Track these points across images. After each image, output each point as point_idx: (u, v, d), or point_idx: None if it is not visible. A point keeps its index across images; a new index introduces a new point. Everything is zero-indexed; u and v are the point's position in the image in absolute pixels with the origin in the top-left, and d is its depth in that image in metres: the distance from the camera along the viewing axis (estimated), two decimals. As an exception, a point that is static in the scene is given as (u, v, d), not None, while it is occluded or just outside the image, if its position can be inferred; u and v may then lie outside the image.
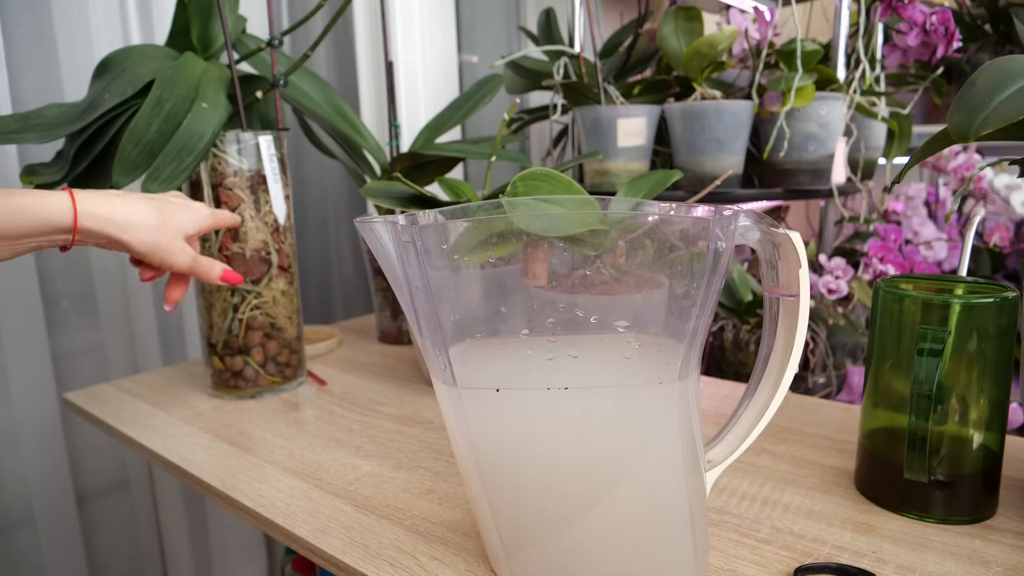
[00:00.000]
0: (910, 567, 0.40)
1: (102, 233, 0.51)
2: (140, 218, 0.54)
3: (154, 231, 0.54)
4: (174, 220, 0.56)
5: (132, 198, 0.54)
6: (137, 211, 0.53)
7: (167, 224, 0.55)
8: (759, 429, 0.40)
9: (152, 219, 0.54)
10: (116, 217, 0.52)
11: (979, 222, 0.73)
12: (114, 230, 0.52)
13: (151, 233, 0.54)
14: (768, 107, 0.81)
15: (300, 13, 1.09)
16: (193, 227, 0.58)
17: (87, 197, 0.51)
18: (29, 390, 0.85)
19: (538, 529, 0.37)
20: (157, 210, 0.55)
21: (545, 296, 0.34)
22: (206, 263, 0.59)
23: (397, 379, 0.77)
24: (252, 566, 1.09)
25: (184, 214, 0.57)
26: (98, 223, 0.51)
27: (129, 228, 0.53)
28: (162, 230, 0.55)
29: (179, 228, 0.56)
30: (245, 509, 0.50)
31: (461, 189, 0.65)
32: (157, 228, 0.54)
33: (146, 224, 0.54)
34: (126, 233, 0.52)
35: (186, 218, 0.57)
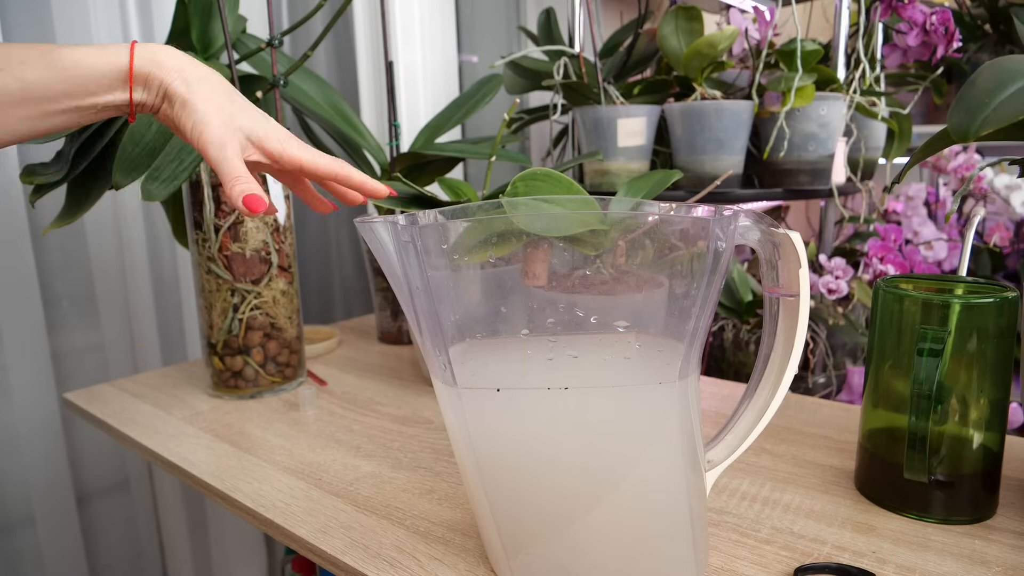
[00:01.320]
0: (910, 567, 0.40)
1: (154, 79, 0.44)
2: (202, 76, 0.46)
3: (204, 93, 0.45)
4: (239, 105, 0.47)
5: (206, 66, 0.47)
6: (202, 72, 0.46)
7: (228, 101, 0.47)
8: (759, 429, 0.40)
9: (211, 86, 0.46)
10: (173, 65, 0.45)
11: (979, 222, 0.73)
12: (168, 76, 0.45)
13: (198, 92, 0.45)
14: (768, 107, 0.81)
15: (300, 13, 1.09)
16: (251, 125, 0.47)
17: (151, 46, 0.45)
18: (29, 390, 0.85)
19: (538, 529, 0.37)
20: (226, 87, 0.47)
21: (545, 296, 0.34)
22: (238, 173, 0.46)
23: (397, 379, 0.77)
24: (252, 566, 1.09)
25: (254, 112, 0.48)
26: (155, 68, 0.44)
27: (182, 79, 0.45)
28: (213, 98, 0.46)
29: (236, 114, 0.47)
30: (245, 509, 0.50)
31: (461, 189, 0.65)
32: (210, 94, 0.46)
33: (200, 83, 0.46)
34: (176, 81, 0.45)
35: (254, 115, 0.48)
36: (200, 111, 0.45)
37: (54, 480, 0.88)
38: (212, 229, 0.68)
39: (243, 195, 0.45)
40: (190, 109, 0.45)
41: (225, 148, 0.45)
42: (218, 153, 0.45)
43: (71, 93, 0.43)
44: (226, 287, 0.69)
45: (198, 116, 0.45)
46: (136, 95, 0.45)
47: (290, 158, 0.48)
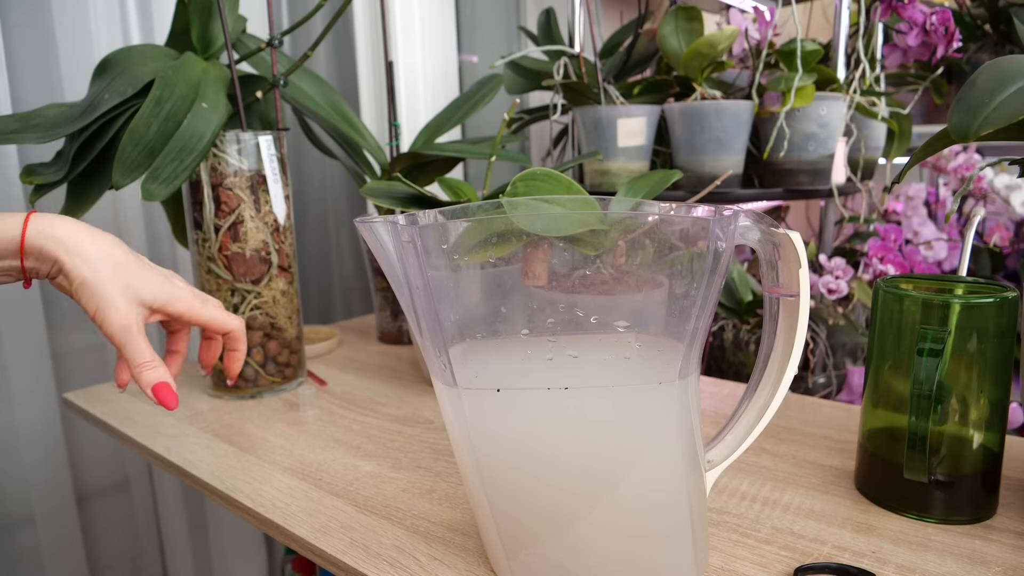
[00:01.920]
0: (910, 567, 0.40)
1: (47, 253, 0.44)
2: (98, 250, 0.45)
3: (103, 272, 0.45)
4: (138, 276, 0.46)
5: (104, 237, 0.46)
6: (99, 246, 0.45)
7: (126, 273, 0.46)
8: (759, 429, 0.40)
9: (109, 261, 0.45)
10: (68, 240, 0.44)
11: (979, 222, 0.73)
12: (61, 252, 0.44)
13: (98, 271, 0.44)
14: (768, 107, 0.81)
15: (300, 13, 1.09)
16: (153, 295, 0.47)
17: (48, 217, 0.44)
18: (29, 390, 0.85)
19: (538, 529, 0.37)
20: (124, 256, 0.46)
21: (545, 296, 0.34)
22: (146, 358, 0.46)
23: (397, 379, 0.77)
24: (252, 566, 1.09)
25: (154, 279, 0.47)
26: (47, 241, 0.44)
27: (78, 255, 0.44)
28: (114, 276, 0.45)
29: (137, 287, 0.46)
30: (245, 509, 0.50)
31: (461, 189, 0.65)
32: (109, 271, 0.45)
33: (98, 260, 0.45)
34: (72, 257, 0.44)
35: (154, 283, 0.47)
36: (103, 295, 0.45)
37: (54, 480, 0.88)
38: (212, 229, 0.68)
39: (151, 384, 0.45)
40: (91, 291, 0.44)
41: (129, 331, 0.45)
42: (122, 338, 0.45)
43: None
44: (226, 287, 0.69)
45: (100, 299, 0.45)
46: (28, 265, 0.45)
47: (188, 318, 0.50)
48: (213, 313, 0.51)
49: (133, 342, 0.45)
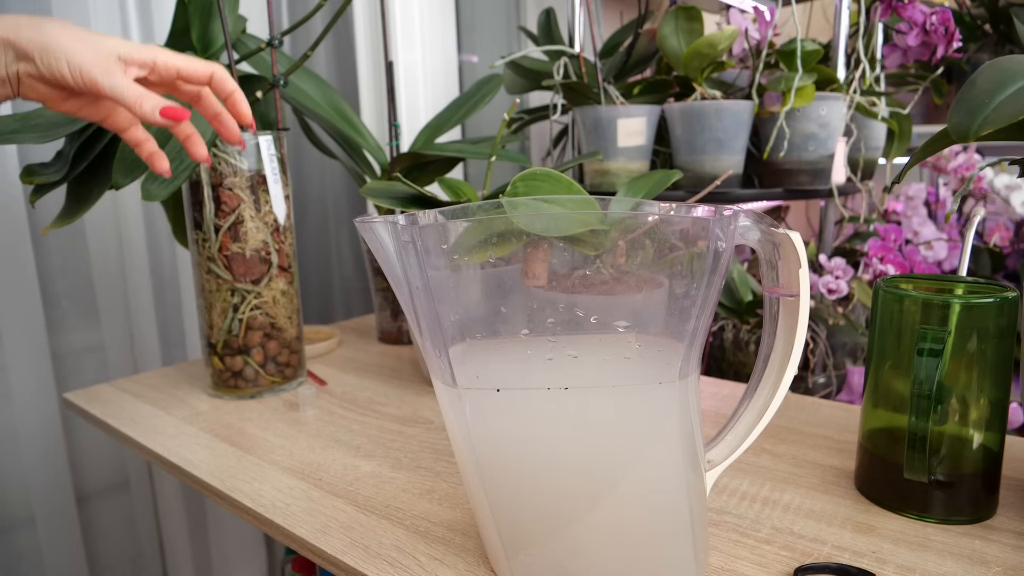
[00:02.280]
0: (910, 567, 0.40)
1: (6, 39, 0.41)
2: (43, 20, 0.42)
3: (59, 32, 0.41)
4: (96, 34, 0.44)
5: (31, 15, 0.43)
6: (42, 18, 0.42)
7: (82, 32, 0.43)
8: (759, 429, 0.40)
9: (58, 24, 0.42)
10: (11, 21, 0.41)
11: (979, 222, 0.73)
12: (18, 30, 0.41)
13: (55, 33, 0.41)
14: (768, 107, 0.81)
15: (300, 13, 1.09)
16: (116, 44, 0.44)
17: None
18: (29, 390, 0.85)
19: (538, 529, 0.37)
20: (74, 25, 0.43)
21: (545, 296, 0.34)
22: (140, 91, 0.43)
23: (397, 379, 0.77)
24: (252, 566, 1.09)
25: (117, 38, 0.45)
26: None
27: (26, 27, 0.41)
28: (71, 34, 0.42)
29: (98, 40, 0.43)
30: (245, 509, 0.50)
31: (461, 189, 0.65)
32: (62, 30, 0.42)
33: (49, 26, 0.42)
34: (21, 31, 0.41)
35: (117, 38, 0.45)
36: (65, 46, 0.41)
37: (54, 480, 0.88)
38: (212, 229, 0.68)
39: (157, 109, 0.43)
40: (54, 50, 0.41)
41: (113, 74, 0.42)
42: (109, 80, 0.42)
43: None
44: (226, 287, 0.69)
45: (67, 52, 0.41)
46: None
47: (164, 63, 0.46)
48: (189, 59, 0.48)
49: (121, 83, 0.42)
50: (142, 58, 0.45)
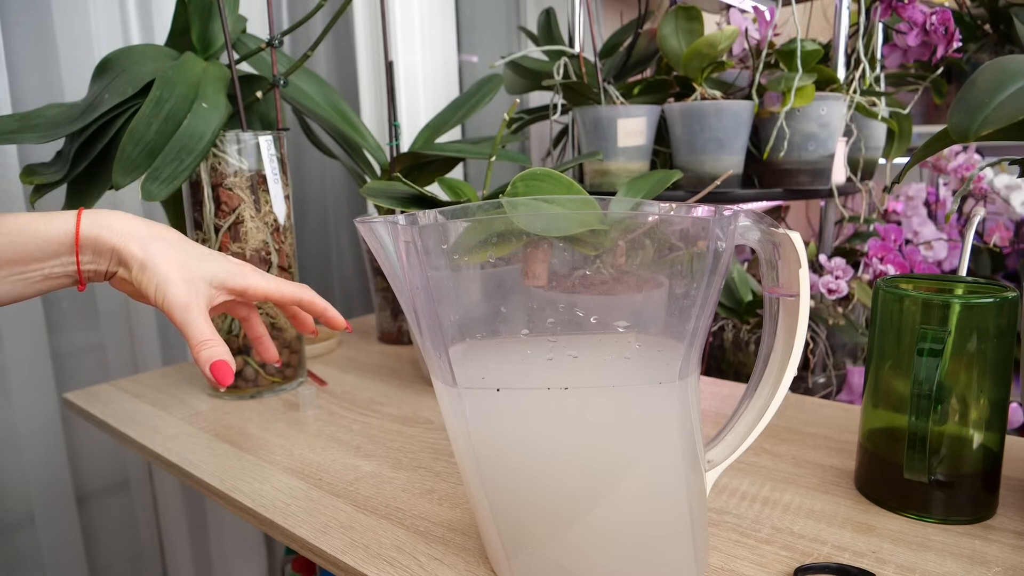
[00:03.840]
0: (910, 567, 0.40)
1: (104, 243, 0.43)
2: (152, 233, 0.44)
3: (160, 252, 0.44)
4: (196, 254, 0.46)
5: (157, 223, 0.46)
6: (152, 229, 0.45)
7: (184, 254, 0.45)
8: (759, 429, 0.40)
9: (165, 242, 0.45)
10: (123, 227, 0.44)
11: (979, 222, 0.73)
12: (117, 240, 0.43)
13: (155, 252, 0.44)
14: (768, 107, 0.81)
15: (300, 13, 1.09)
16: (213, 272, 0.46)
17: (99, 211, 0.44)
18: (29, 390, 0.85)
19: (538, 529, 0.37)
20: (180, 238, 0.46)
21: (545, 296, 0.34)
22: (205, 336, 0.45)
23: (397, 379, 0.77)
24: (252, 566, 1.09)
25: (214, 257, 0.47)
26: (102, 231, 0.43)
27: (134, 239, 0.44)
28: (171, 255, 0.44)
29: (196, 265, 0.45)
30: (245, 509, 0.50)
31: (461, 189, 0.65)
32: (166, 251, 0.44)
33: (154, 242, 0.44)
34: (128, 242, 0.43)
35: (214, 260, 0.47)
36: (161, 273, 0.44)
37: (54, 480, 0.88)
38: (212, 229, 0.68)
39: (210, 362, 0.44)
40: (150, 272, 0.44)
41: (190, 310, 0.44)
42: (182, 316, 0.44)
43: (15, 260, 0.42)
44: (226, 287, 0.69)
45: (160, 278, 0.44)
46: (85, 261, 0.44)
47: (255, 291, 0.49)
48: (279, 284, 0.50)
49: (193, 322, 0.44)
50: (235, 286, 0.48)
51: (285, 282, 0.50)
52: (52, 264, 0.43)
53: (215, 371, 0.44)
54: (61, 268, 0.44)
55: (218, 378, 0.44)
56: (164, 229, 0.46)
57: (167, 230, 0.46)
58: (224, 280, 0.47)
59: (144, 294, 0.45)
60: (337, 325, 0.53)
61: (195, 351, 0.44)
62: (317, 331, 0.56)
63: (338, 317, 0.52)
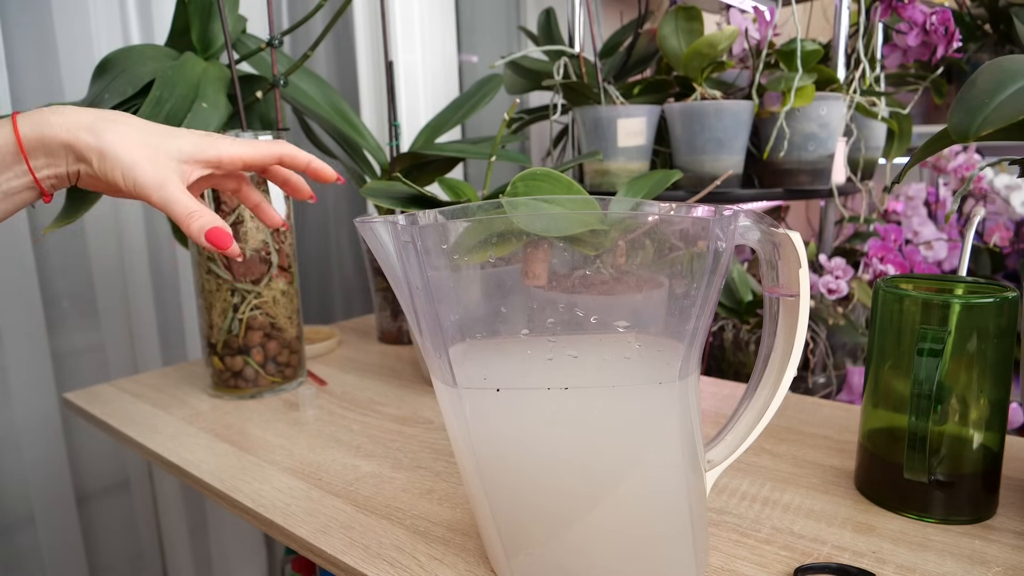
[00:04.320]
0: (910, 567, 0.40)
1: (51, 140, 0.39)
2: (104, 117, 0.41)
3: (118, 135, 0.40)
4: (158, 131, 0.42)
5: (106, 110, 0.42)
6: (103, 114, 0.41)
7: (144, 133, 0.42)
8: (759, 429, 0.40)
9: (121, 124, 0.41)
10: (67, 121, 0.40)
11: (979, 222, 0.73)
12: (66, 135, 0.39)
13: (113, 138, 0.40)
14: (768, 107, 0.81)
15: (300, 13, 1.09)
16: (179, 145, 0.43)
17: (37, 111, 0.40)
18: (29, 390, 0.85)
19: (538, 529, 0.37)
20: (137, 120, 0.42)
21: (545, 296, 0.34)
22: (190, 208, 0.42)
23: (397, 379, 0.77)
24: (252, 566, 1.09)
25: (179, 131, 0.44)
26: (48, 129, 0.39)
27: (86, 130, 0.40)
28: (131, 136, 0.41)
29: (160, 140, 0.42)
30: (245, 509, 0.50)
31: (461, 189, 0.65)
32: (124, 132, 0.41)
33: (109, 126, 0.41)
34: (81, 134, 0.40)
35: (180, 134, 0.43)
36: (124, 156, 0.41)
37: (54, 480, 0.88)
38: (212, 229, 0.68)
39: (204, 231, 0.42)
40: (111, 158, 0.41)
41: (165, 187, 0.41)
42: (160, 195, 0.41)
43: None
44: (226, 287, 0.69)
45: (123, 162, 0.41)
46: (39, 167, 0.40)
47: (230, 158, 0.46)
48: (254, 144, 0.47)
49: (172, 197, 0.41)
50: (206, 157, 0.45)
51: (260, 141, 0.48)
52: (6, 178, 0.40)
53: (211, 238, 0.42)
54: (17, 180, 0.41)
55: (216, 244, 0.42)
56: (115, 113, 0.42)
57: (118, 114, 0.42)
58: (193, 153, 0.44)
59: (114, 185, 0.42)
60: (326, 177, 0.50)
61: (185, 225, 0.42)
62: (315, 196, 0.53)
63: (325, 168, 0.50)
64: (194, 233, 0.42)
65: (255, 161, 0.47)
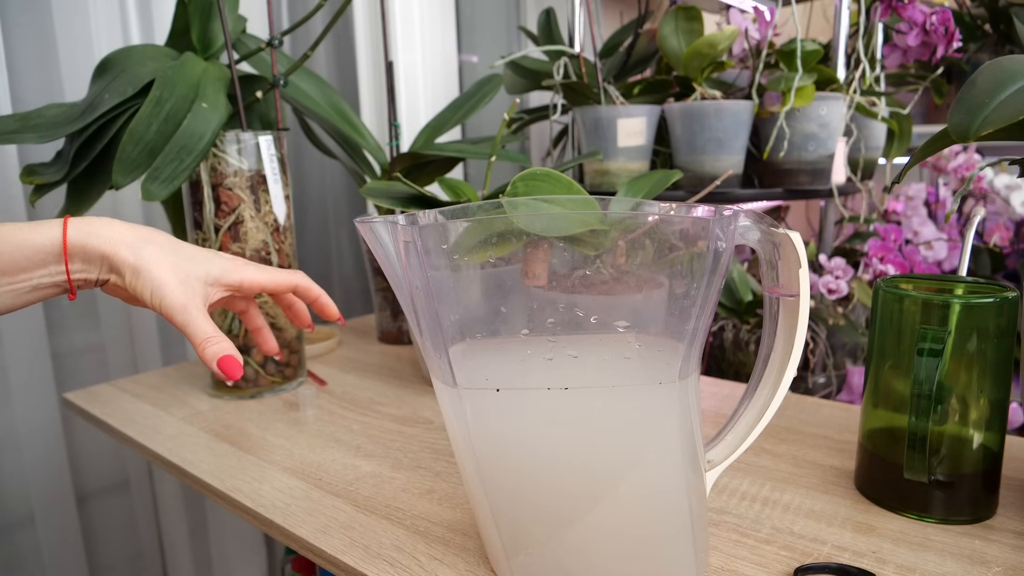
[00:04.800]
0: (910, 567, 0.40)
1: (92, 250, 0.43)
2: (141, 238, 0.44)
3: (152, 256, 0.44)
4: (188, 255, 0.46)
5: (145, 227, 0.46)
6: (140, 234, 0.45)
7: (175, 256, 0.45)
8: (759, 429, 0.40)
9: (155, 246, 0.45)
10: (111, 234, 0.44)
11: (979, 222, 0.73)
12: (106, 246, 0.43)
13: (146, 257, 0.44)
14: (768, 107, 0.81)
15: (300, 13, 1.09)
16: (207, 270, 0.47)
17: (85, 218, 0.44)
18: (29, 390, 0.85)
19: (538, 529, 0.37)
20: (170, 241, 0.46)
21: (545, 296, 0.34)
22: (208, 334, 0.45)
23: (397, 379, 0.77)
24: (252, 566, 1.09)
25: (205, 254, 0.47)
26: (90, 238, 0.43)
27: (124, 245, 0.44)
28: (163, 258, 0.44)
29: (189, 265, 0.46)
30: (245, 509, 0.50)
31: (461, 189, 0.65)
32: (157, 255, 0.44)
33: (144, 246, 0.44)
34: (119, 249, 0.43)
35: (205, 258, 0.47)
36: (156, 276, 0.44)
37: (54, 480, 0.88)
38: (212, 229, 0.68)
39: (216, 358, 0.44)
40: (144, 277, 0.44)
41: (188, 310, 0.44)
42: (182, 317, 0.44)
43: (1, 271, 0.41)
44: (226, 287, 0.69)
45: (155, 282, 0.44)
46: (75, 270, 0.43)
47: (250, 284, 0.49)
48: (273, 273, 0.50)
49: (193, 321, 0.44)
50: (230, 281, 0.48)
51: (279, 271, 0.51)
52: (40, 274, 0.43)
53: (223, 367, 0.44)
54: (50, 278, 0.43)
55: (227, 373, 0.45)
56: (153, 232, 0.46)
57: (156, 233, 0.46)
58: (219, 277, 0.47)
59: (140, 299, 0.45)
60: (330, 314, 0.53)
61: (200, 350, 0.44)
62: (313, 326, 0.57)
63: (331, 305, 0.53)
64: (208, 359, 0.45)
65: (272, 288, 0.51)
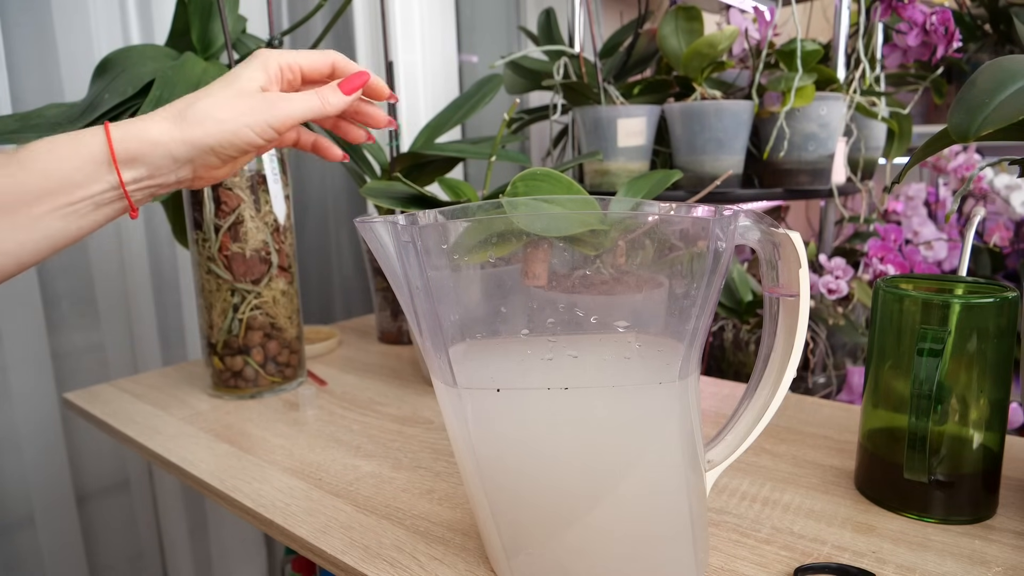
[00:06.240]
0: (910, 567, 0.40)
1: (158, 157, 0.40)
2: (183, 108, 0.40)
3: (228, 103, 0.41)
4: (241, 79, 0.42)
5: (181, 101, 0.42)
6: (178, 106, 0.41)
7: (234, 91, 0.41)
8: (759, 429, 0.40)
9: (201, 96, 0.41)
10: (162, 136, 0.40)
11: (979, 222, 0.73)
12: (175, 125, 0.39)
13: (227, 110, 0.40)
14: (768, 107, 0.81)
15: (300, 13, 1.09)
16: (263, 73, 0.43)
17: (127, 123, 0.40)
18: (29, 390, 0.85)
19: (538, 529, 0.37)
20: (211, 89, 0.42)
21: (545, 296, 0.34)
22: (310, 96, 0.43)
23: (397, 379, 0.77)
24: (252, 566, 1.09)
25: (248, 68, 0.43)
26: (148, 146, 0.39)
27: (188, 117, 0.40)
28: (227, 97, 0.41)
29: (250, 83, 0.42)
30: (245, 509, 0.50)
31: (461, 189, 0.65)
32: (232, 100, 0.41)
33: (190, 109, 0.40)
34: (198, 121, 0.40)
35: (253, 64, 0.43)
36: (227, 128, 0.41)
37: (54, 480, 0.88)
38: (212, 229, 0.68)
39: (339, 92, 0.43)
40: (212, 139, 0.41)
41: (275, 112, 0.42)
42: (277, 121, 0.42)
43: (51, 190, 0.38)
44: (226, 287, 0.69)
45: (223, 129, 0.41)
46: (130, 175, 0.40)
47: (288, 65, 0.45)
48: (306, 54, 0.46)
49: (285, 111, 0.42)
50: (286, 63, 0.44)
51: (311, 51, 0.47)
52: (95, 187, 0.40)
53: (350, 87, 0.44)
54: (106, 186, 0.40)
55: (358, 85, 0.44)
56: (185, 104, 0.41)
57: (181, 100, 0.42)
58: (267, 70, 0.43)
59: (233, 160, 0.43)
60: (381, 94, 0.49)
61: (325, 111, 0.43)
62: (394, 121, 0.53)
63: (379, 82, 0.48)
64: (337, 105, 0.44)
65: (309, 69, 0.46)
